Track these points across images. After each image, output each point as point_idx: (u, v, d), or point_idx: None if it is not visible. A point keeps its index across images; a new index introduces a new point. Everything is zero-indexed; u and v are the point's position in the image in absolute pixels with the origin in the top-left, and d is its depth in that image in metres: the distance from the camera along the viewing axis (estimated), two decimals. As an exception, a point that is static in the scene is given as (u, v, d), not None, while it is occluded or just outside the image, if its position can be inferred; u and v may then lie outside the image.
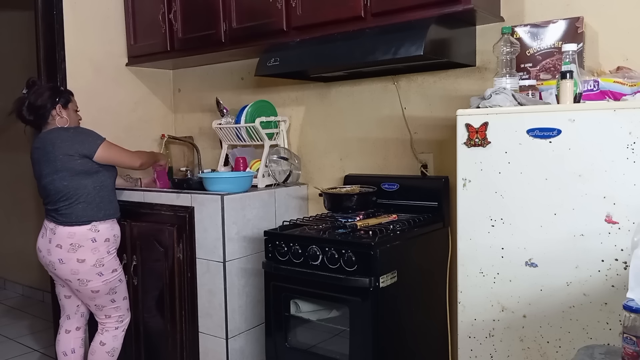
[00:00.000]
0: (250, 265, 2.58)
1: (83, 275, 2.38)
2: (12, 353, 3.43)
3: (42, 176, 2.39)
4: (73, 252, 2.36)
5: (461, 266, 1.84)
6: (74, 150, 2.35)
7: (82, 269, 2.37)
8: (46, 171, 2.37)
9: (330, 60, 2.36)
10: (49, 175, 2.37)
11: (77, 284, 2.40)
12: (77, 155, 2.36)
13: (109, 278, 2.44)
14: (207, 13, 2.79)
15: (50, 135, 2.39)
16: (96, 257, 2.39)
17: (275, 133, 2.90)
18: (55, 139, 2.37)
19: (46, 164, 2.37)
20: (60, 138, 2.37)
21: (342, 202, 2.42)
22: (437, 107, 2.47)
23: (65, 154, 2.34)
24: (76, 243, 2.36)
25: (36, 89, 2.44)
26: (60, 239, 2.36)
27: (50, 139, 2.38)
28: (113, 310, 2.52)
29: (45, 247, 2.42)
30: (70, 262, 2.36)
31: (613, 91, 1.76)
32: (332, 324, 2.23)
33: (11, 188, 4.73)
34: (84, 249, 2.37)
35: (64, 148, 2.34)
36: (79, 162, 2.36)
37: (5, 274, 4.89)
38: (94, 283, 2.41)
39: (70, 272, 2.37)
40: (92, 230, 2.39)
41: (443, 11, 2.07)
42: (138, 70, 3.35)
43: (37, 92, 2.43)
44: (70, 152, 2.34)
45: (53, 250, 2.38)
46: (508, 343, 1.78)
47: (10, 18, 4.54)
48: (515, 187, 1.72)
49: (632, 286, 1.08)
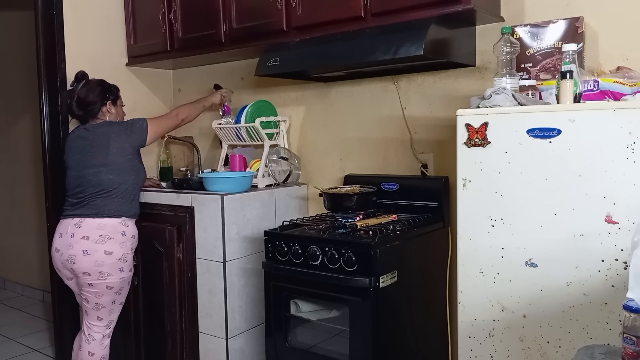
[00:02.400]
0: (250, 265, 2.58)
1: (106, 268, 2.35)
2: (12, 353, 3.43)
3: (85, 166, 2.40)
4: (101, 244, 2.34)
5: (461, 266, 1.84)
6: (129, 143, 2.41)
7: (107, 261, 2.35)
8: (92, 162, 2.39)
9: (330, 60, 2.36)
10: (94, 167, 2.38)
11: (96, 277, 2.35)
12: (131, 149, 2.42)
13: (126, 276, 2.44)
14: (207, 13, 2.79)
15: (105, 129, 2.43)
16: (123, 251, 2.40)
17: (275, 133, 2.90)
18: (110, 132, 2.41)
19: (93, 155, 2.39)
20: (116, 132, 2.42)
21: (342, 202, 2.42)
22: (437, 107, 2.47)
23: (120, 147, 2.39)
24: (106, 235, 2.35)
25: (85, 84, 2.50)
26: (88, 230, 2.35)
27: (105, 132, 2.41)
28: (107, 314, 2.46)
29: (65, 243, 2.37)
30: (96, 254, 2.33)
31: (613, 91, 1.76)
32: (332, 324, 2.23)
33: (11, 188, 4.73)
34: (113, 241, 2.36)
35: (120, 142, 2.40)
36: (130, 157, 2.43)
37: (5, 274, 4.89)
38: (113, 278, 2.38)
39: (94, 263, 2.33)
40: (123, 224, 2.40)
41: (443, 11, 2.07)
42: (138, 70, 3.35)
43: (87, 88, 2.48)
44: (125, 146, 2.40)
45: (76, 243, 2.34)
46: (508, 343, 1.78)
47: (10, 18, 4.54)
48: (515, 187, 1.72)
49: (632, 286, 1.08)
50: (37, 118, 3.10)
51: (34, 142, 4.16)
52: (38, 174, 3.95)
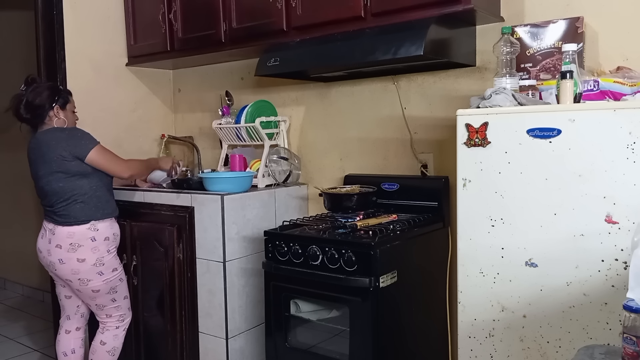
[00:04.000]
0: (250, 265, 2.58)
1: (83, 275, 2.38)
2: (12, 353, 3.43)
3: (39, 177, 2.39)
4: (73, 252, 2.35)
5: (461, 266, 1.84)
6: (68, 151, 2.33)
7: (82, 268, 2.37)
8: (42, 172, 2.37)
9: (330, 60, 2.35)
10: (45, 177, 2.36)
11: (78, 284, 2.40)
12: (71, 157, 2.34)
13: (110, 277, 2.44)
14: (207, 13, 2.79)
15: (46, 136, 2.38)
16: (96, 256, 2.39)
17: (275, 133, 2.90)
18: (50, 140, 2.35)
19: (42, 165, 2.36)
20: (55, 139, 2.35)
21: (342, 202, 2.42)
22: (437, 107, 2.47)
23: (60, 155, 2.33)
24: (76, 243, 2.36)
25: (35, 87, 2.42)
26: (60, 239, 2.36)
27: (45, 140, 2.36)
28: (114, 310, 2.52)
29: (45, 247, 2.42)
30: (70, 262, 2.36)
31: (613, 91, 1.76)
32: (332, 324, 2.23)
33: (11, 188, 4.73)
34: (84, 249, 2.37)
35: (59, 149, 2.33)
36: (74, 163, 2.35)
37: (5, 274, 4.89)
38: (95, 282, 2.40)
39: (71, 272, 2.37)
40: (92, 229, 2.38)
41: (443, 11, 2.07)
42: (138, 70, 3.35)
43: (35, 91, 2.40)
44: (64, 154, 2.33)
45: (53, 250, 2.37)
46: (508, 343, 1.78)
47: (10, 18, 4.54)
48: (515, 187, 1.72)
49: (632, 286, 1.08)
50: (37, 118, 3.10)
51: (34, 142, 4.16)
52: (38, 174, 3.94)
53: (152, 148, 3.37)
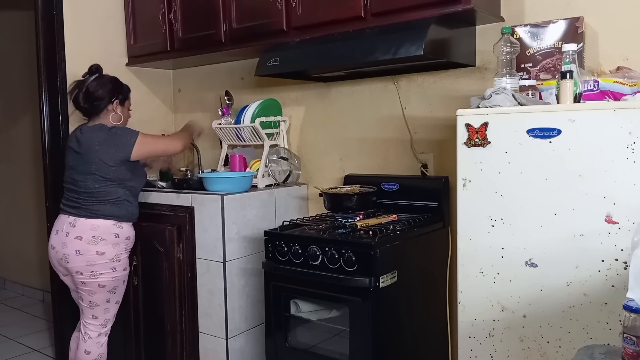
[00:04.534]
0: (250, 265, 2.58)
1: (98, 268, 2.36)
2: (12, 353, 3.43)
3: (75, 171, 2.38)
4: (94, 244, 2.34)
5: (461, 266, 1.84)
6: (109, 156, 2.33)
7: (99, 260, 2.35)
8: (80, 168, 2.36)
9: (330, 60, 2.36)
10: (82, 174, 2.36)
11: (88, 276, 2.37)
12: (113, 162, 2.34)
13: (119, 275, 2.44)
14: (207, 13, 2.79)
15: (91, 135, 2.37)
16: (115, 251, 2.39)
17: (275, 133, 2.90)
18: (93, 141, 2.35)
19: (82, 162, 2.36)
20: (98, 141, 2.34)
21: (342, 202, 2.42)
22: (437, 107, 2.47)
23: (101, 159, 2.33)
24: (99, 236, 2.35)
25: (98, 77, 2.43)
26: (82, 230, 2.34)
27: (90, 138, 2.36)
28: (102, 312, 2.46)
29: (60, 242, 2.38)
30: (88, 254, 2.34)
31: (613, 91, 1.76)
32: (332, 324, 2.23)
33: (11, 188, 4.73)
34: (106, 243, 2.36)
35: (101, 153, 2.33)
36: (114, 169, 2.35)
37: (5, 274, 4.89)
38: (105, 277, 2.39)
39: (86, 262, 2.34)
40: (116, 226, 2.39)
41: (443, 11, 2.07)
42: (138, 70, 3.35)
43: (98, 82, 2.42)
44: (106, 159, 2.33)
45: (70, 242, 2.34)
46: (508, 343, 1.78)
47: (10, 18, 4.54)
48: (515, 187, 1.72)
49: (632, 286, 1.08)
50: (37, 118, 3.10)
51: (34, 142, 4.16)
52: (38, 173, 3.95)
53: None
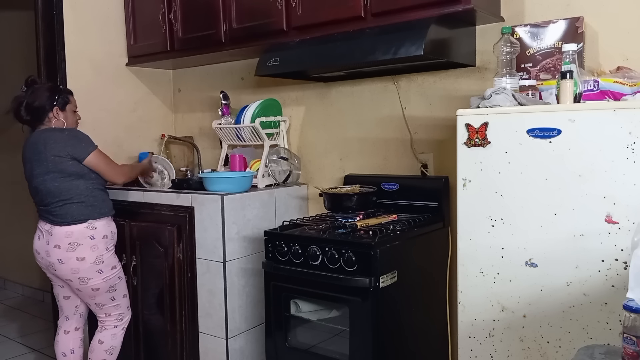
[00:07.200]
0: (250, 265, 2.58)
1: (83, 274, 2.38)
2: (12, 353, 3.43)
3: (33, 176, 2.38)
4: (72, 251, 2.35)
5: (461, 266, 1.84)
6: (65, 152, 2.33)
7: (82, 267, 2.37)
8: (37, 171, 2.36)
9: (330, 60, 2.35)
10: (39, 176, 2.35)
11: (78, 283, 2.40)
12: (68, 157, 2.34)
13: (109, 275, 2.44)
14: (207, 13, 2.79)
15: (43, 135, 2.37)
16: (95, 254, 2.39)
17: (275, 133, 2.90)
18: (47, 139, 2.35)
19: (37, 163, 2.35)
20: (53, 138, 2.35)
21: (342, 202, 2.42)
22: (437, 107, 2.47)
23: (57, 155, 2.32)
24: (74, 242, 2.35)
25: (34, 89, 2.42)
26: (58, 239, 2.36)
27: (42, 139, 2.36)
28: (113, 309, 2.52)
29: (43, 249, 2.41)
30: (69, 262, 2.36)
31: (613, 91, 1.76)
32: (332, 324, 2.23)
33: (11, 188, 4.72)
34: (83, 247, 2.36)
35: (56, 149, 2.32)
36: (70, 163, 2.35)
37: (5, 274, 4.89)
38: (94, 281, 2.41)
39: (71, 271, 2.37)
40: (90, 228, 2.38)
41: (443, 11, 2.07)
42: (138, 70, 3.35)
43: (35, 93, 2.41)
44: (62, 154, 2.33)
45: (51, 251, 2.37)
46: (508, 343, 1.78)
47: (10, 18, 4.54)
48: (515, 187, 1.72)
49: (632, 286, 1.08)
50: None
51: (34, 142, 4.15)
52: (38, 174, 3.94)
53: (152, 148, 3.37)
